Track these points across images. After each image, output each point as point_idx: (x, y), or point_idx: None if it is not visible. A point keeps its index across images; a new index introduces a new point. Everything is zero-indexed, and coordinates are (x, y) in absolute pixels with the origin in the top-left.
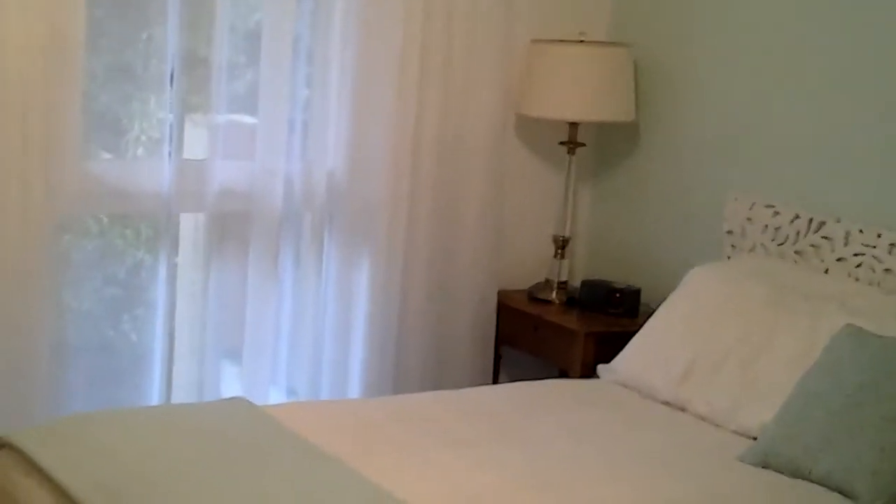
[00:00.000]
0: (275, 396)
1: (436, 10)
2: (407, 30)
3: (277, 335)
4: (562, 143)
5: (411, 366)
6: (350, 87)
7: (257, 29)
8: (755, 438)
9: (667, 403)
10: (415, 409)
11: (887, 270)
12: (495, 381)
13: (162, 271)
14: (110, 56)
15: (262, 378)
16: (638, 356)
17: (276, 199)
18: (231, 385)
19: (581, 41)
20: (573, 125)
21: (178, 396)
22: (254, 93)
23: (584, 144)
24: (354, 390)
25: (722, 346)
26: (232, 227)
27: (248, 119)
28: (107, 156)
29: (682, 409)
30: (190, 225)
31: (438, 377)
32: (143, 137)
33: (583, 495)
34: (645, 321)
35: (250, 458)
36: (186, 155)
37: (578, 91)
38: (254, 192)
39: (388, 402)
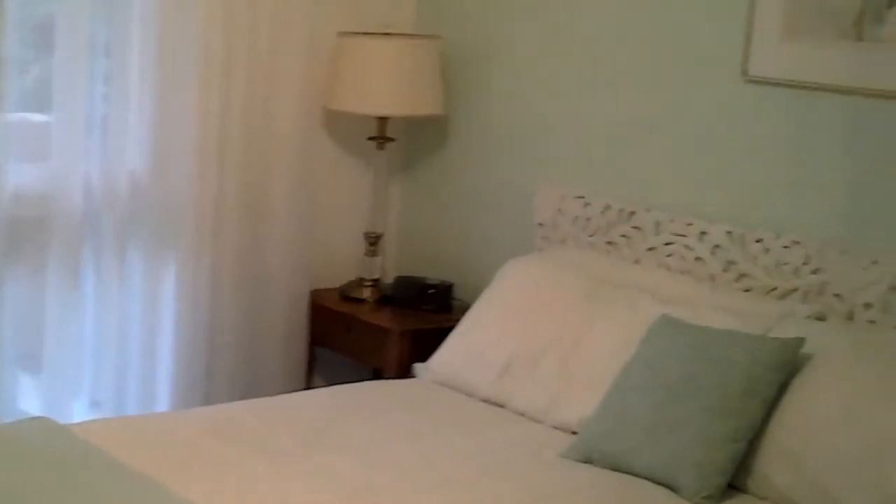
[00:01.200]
0: (78, 410)
1: (238, 2)
2: (209, 22)
3: (79, 344)
4: (371, 137)
5: (222, 373)
6: (151, 82)
7: (48, 21)
8: (576, 433)
9: (486, 401)
10: (229, 419)
11: (698, 259)
12: (309, 383)
13: None
14: None
15: (63, 390)
16: (455, 353)
17: (75, 201)
18: (29, 398)
19: (387, 34)
20: (382, 120)
21: None
22: (46, 89)
23: (393, 139)
24: (163, 402)
25: (539, 341)
26: (28, 232)
27: (41, 117)
28: None
29: (502, 406)
30: None
31: (251, 383)
32: None
33: (409, 502)
34: (460, 317)
35: (57, 483)
36: None
37: (386, 85)
38: (50, 196)
39: (199, 413)
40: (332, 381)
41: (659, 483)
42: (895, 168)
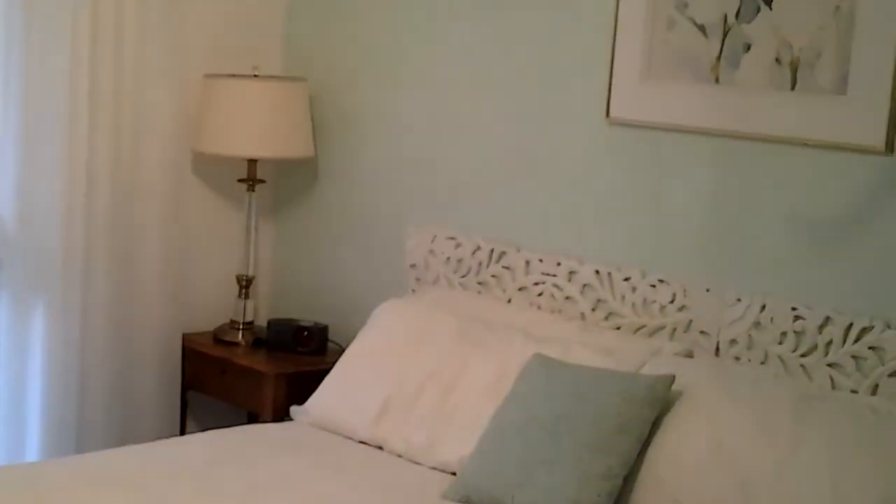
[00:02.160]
0: None
1: (104, 43)
2: (74, 65)
3: None
4: (241, 180)
5: (95, 420)
6: (15, 125)
7: None
8: (454, 474)
9: (364, 443)
10: (102, 468)
11: (568, 298)
12: (183, 429)
13: None
14: None
15: None
16: (331, 396)
17: None
18: None
19: (255, 76)
20: (252, 162)
21: None
22: None
23: (263, 181)
24: (33, 451)
25: (415, 382)
26: None
27: None
28: None
29: (380, 448)
30: None
31: (124, 430)
32: None
33: None
34: (335, 359)
35: None
36: None
37: (255, 127)
38: None
39: (71, 462)
40: (206, 426)
41: None
42: (753, 207)
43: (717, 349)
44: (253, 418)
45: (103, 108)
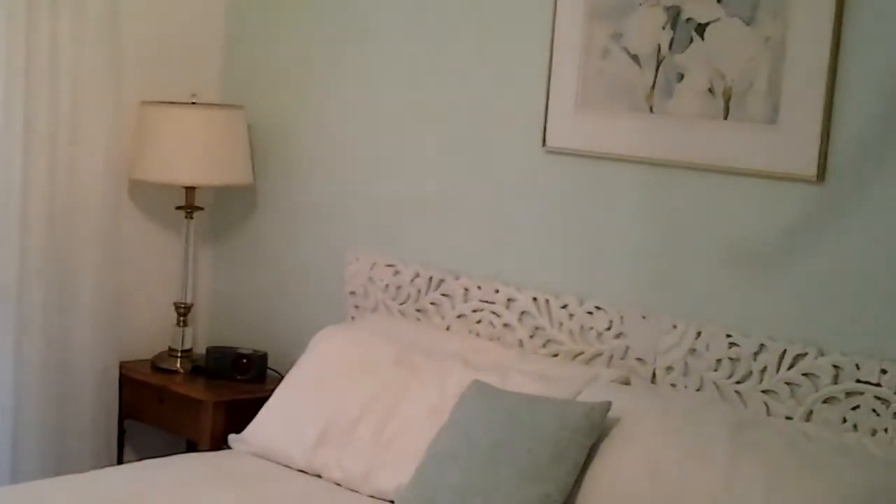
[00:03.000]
0: None
1: (38, 68)
2: (8, 91)
3: None
4: (179, 207)
5: (30, 450)
6: None
7: None
8: (392, 502)
9: (303, 471)
10: (36, 498)
11: (506, 325)
12: (120, 458)
13: None
14: None
15: None
16: (270, 424)
17: None
18: None
19: (193, 103)
20: (190, 189)
21: None
22: None
23: (202, 208)
24: None
25: (354, 409)
26: None
27: None
28: None
29: (319, 476)
30: None
31: (61, 459)
32: None
33: None
34: (274, 387)
35: None
36: None
37: (192, 154)
38: None
39: (6, 492)
40: (144, 455)
41: None
42: (688, 235)
43: (654, 376)
44: (192, 446)
45: (38, 133)
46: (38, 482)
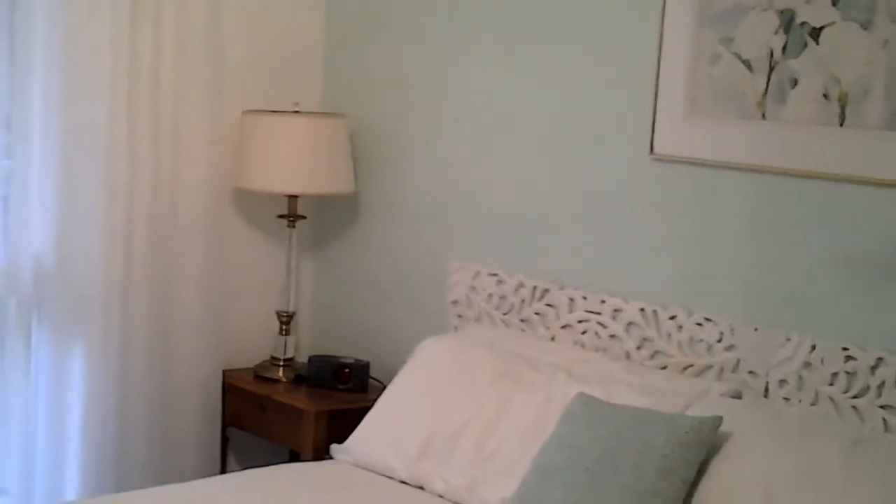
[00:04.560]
0: None
1: (142, 80)
2: (112, 100)
3: None
4: (281, 216)
5: (134, 458)
6: (54, 164)
7: None
8: None
9: (405, 483)
10: None
11: (612, 336)
12: (223, 466)
13: None
14: None
15: None
16: (372, 435)
17: None
18: None
19: (296, 112)
20: (292, 198)
21: None
22: None
23: (304, 217)
24: (72, 488)
25: (456, 421)
26: None
27: None
28: None
29: (421, 489)
30: None
31: (164, 468)
32: None
33: None
34: (376, 396)
35: None
36: None
37: (295, 163)
38: None
39: (110, 501)
40: (247, 464)
41: None
42: (801, 245)
43: (767, 390)
44: (294, 456)
45: (142, 144)
46: (142, 491)
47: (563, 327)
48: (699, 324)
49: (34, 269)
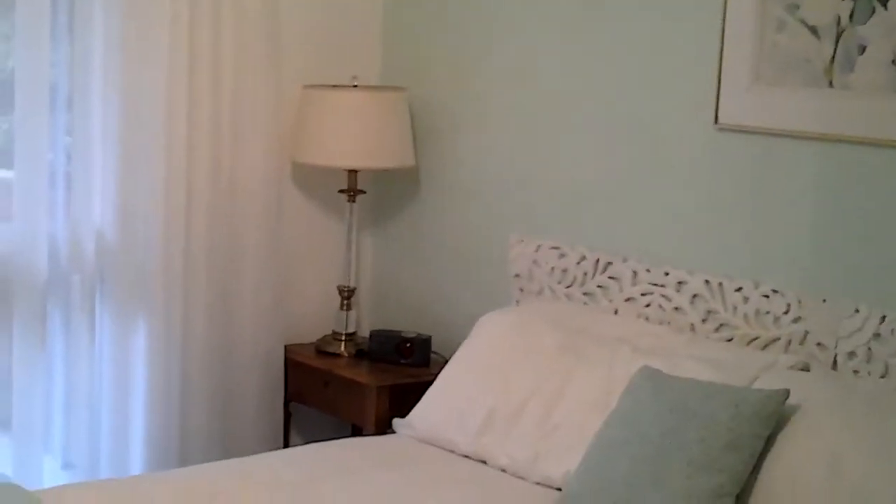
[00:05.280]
0: (50, 469)
1: (201, 56)
2: (171, 76)
3: (49, 406)
4: (341, 190)
5: (197, 432)
6: (114, 140)
7: (10, 77)
8: (559, 489)
9: (467, 457)
10: (202, 483)
11: (677, 309)
12: (286, 441)
13: None
14: None
15: (34, 450)
16: (434, 409)
17: (41, 262)
18: (2, 457)
19: (354, 86)
20: (352, 172)
21: None
22: (10, 145)
23: (364, 192)
24: (137, 461)
25: (519, 395)
26: None
27: (5, 174)
28: None
29: (484, 463)
30: None
31: (227, 442)
32: None
33: None
34: (438, 371)
35: None
36: None
37: (354, 137)
38: (15, 256)
39: (172, 476)
40: (310, 438)
41: None
42: (871, 214)
43: (835, 362)
44: (356, 431)
45: (202, 120)
46: (206, 465)
47: (627, 300)
48: (766, 295)
49: (96, 246)
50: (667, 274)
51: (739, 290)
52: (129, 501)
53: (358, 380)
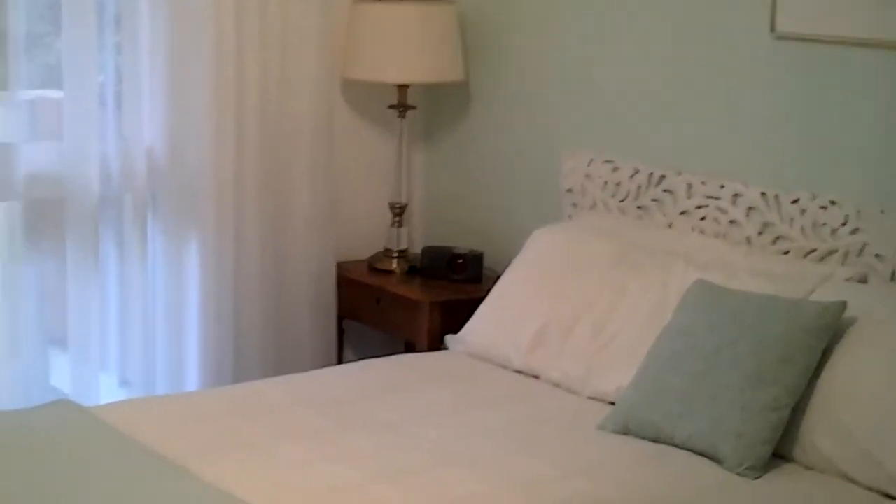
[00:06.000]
0: (107, 386)
1: None
2: None
3: (104, 324)
4: (391, 106)
5: (251, 349)
6: (163, 54)
7: None
8: (612, 404)
9: (520, 372)
10: (257, 398)
11: (732, 222)
12: (340, 357)
13: None
14: None
15: (90, 369)
16: (486, 325)
17: (92, 181)
18: (61, 375)
19: (402, 0)
20: (402, 87)
21: (4, 390)
22: (60, 65)
23: (414, 107)
24: (192, 378)
25: (571, 310)
26: (46, 212)
27: (56, 94)
28: None
29: (536, 378)
30: (3, 213)
31: (280, 359)
32: None
33: (442, 481)
34: (490, 287)
35: (83, 477)
36: None
37: (404, 52)
38: (67, 176)
39: (229, 392)
40: (363, 354)
41: (699, 454)
42: None
43: (893, 274)
44: (409, 347)
45: (251, 37)
46: (260, 381)
47: (681, 213)
48: (823, 207)
49: (147, 165)
50: (722, 186)
51: (796, 201)
52: (184, 416)
53: (410, 296)
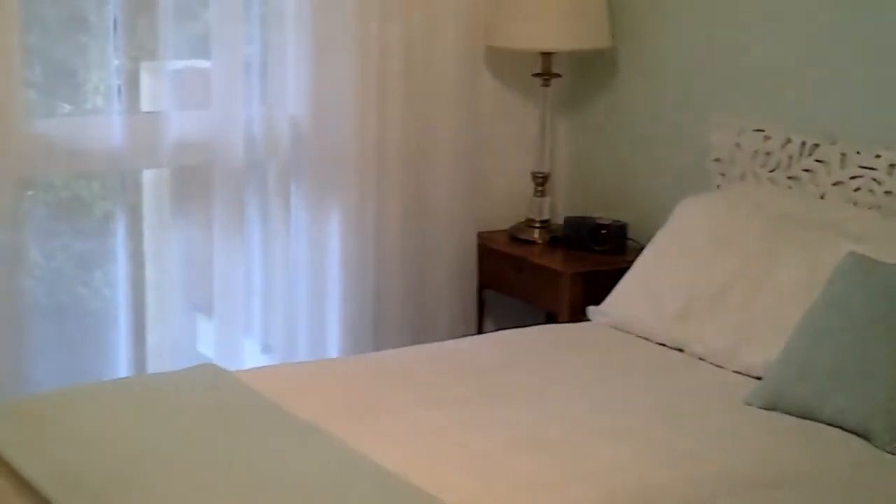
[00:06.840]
0: (250, 352)
1: None
2: None
3: (249, 291)
4: (535, 74)
5: (391, 317)
6: (308, 24)
7: None
8: (759, 378)
9: (664, 345)
10: (399, 366)
11: (888, 193)
12: (480, 327)
13: (123, 230)
14: (60, 5)
15: (235, 335)
16: (629, 296)
17: (238, 149)
18: (207, 341)
19: None
20: (546, 55)
21: (152, 355)
22: (208, 36)
23: (559, 75)
24: (333, 345)
25: (718, 282)
26: (193, 179)
27: (204, 64)
28: (65, 109)
29: (681, 350)
30: (151, 181)
31: (421, 328)
32: (101, 87)
33: (586, 453)
34: (633, 258)
35: (227, 436)
36: (144, 107)
37: (550, 19)
38: (213, 143)
39: (368, 359)
40: (503, 325)
41: (848, 430)
42: None
43: None
44: (550, 318)
45: (394, 4)
46: (401, 349)
47: (835, 184)
48: None
49: (291, 133)
50: (878, 156)
51: None
52: (325, 382)
53: (552, 267)
